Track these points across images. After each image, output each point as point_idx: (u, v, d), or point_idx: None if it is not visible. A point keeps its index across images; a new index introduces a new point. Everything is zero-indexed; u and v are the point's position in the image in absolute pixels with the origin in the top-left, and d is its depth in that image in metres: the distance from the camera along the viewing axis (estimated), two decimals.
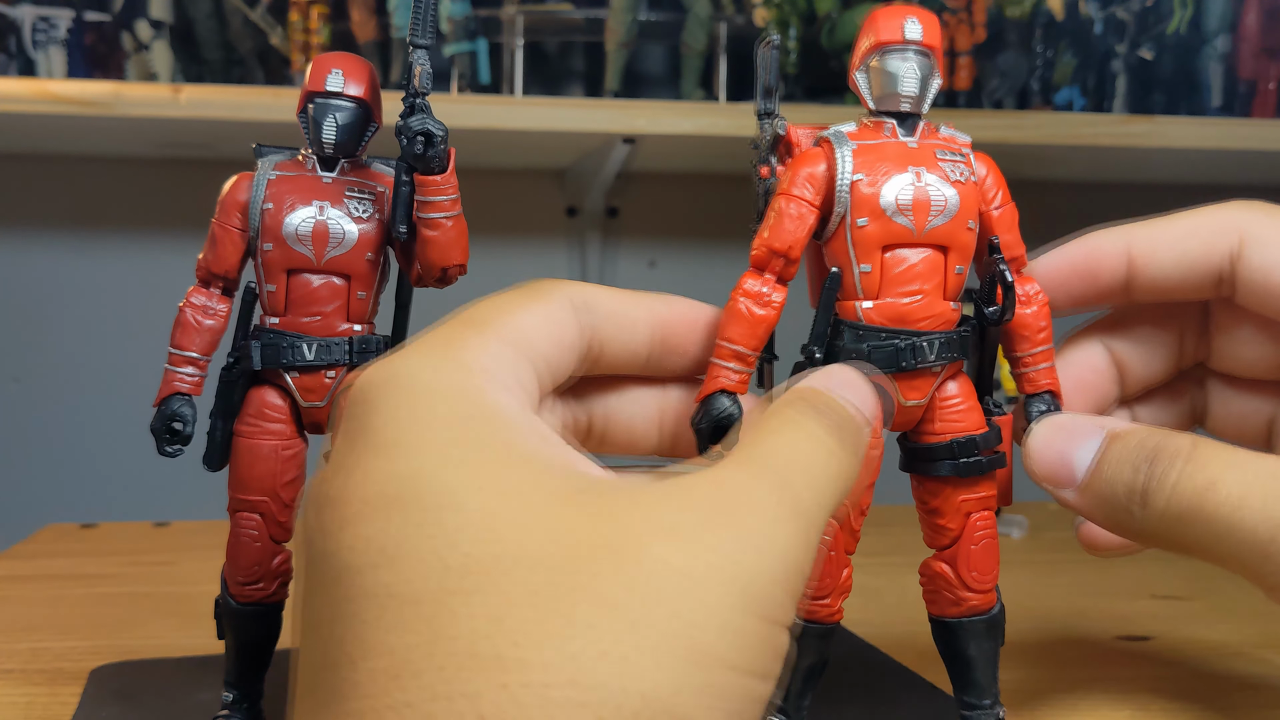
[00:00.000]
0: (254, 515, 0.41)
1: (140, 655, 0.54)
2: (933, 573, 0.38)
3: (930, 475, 0.38)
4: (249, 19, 1.06)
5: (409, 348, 0.30)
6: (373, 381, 0.29)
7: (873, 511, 0.38)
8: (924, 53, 0.36)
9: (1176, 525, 0.33)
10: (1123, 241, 0.39)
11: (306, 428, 0.41)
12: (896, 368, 0.36)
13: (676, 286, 0.37)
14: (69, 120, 0.95)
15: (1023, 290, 0.38)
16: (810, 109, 1.07)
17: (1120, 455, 0.35)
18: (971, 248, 0.36)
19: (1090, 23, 1.15)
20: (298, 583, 0.29)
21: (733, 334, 0.35)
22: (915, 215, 0.35)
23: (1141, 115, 1.14)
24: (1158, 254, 0.39)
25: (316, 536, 0.27)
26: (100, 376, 1.19)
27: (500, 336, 0.31)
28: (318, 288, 0.40)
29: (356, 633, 0.25)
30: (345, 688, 0.24)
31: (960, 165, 0.36)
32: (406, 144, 0.38)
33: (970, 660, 0.38)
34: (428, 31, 0.38)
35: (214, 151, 1.09)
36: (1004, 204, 0.37)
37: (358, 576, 0.25)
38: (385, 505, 0.26)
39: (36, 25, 1.03)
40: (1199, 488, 0.33)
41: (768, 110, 0.38)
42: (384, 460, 0.27)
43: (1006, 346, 0.38)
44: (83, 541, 0.82)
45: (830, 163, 0.36)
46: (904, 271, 0.36)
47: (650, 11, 1.11)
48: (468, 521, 0.25)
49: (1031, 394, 0.38)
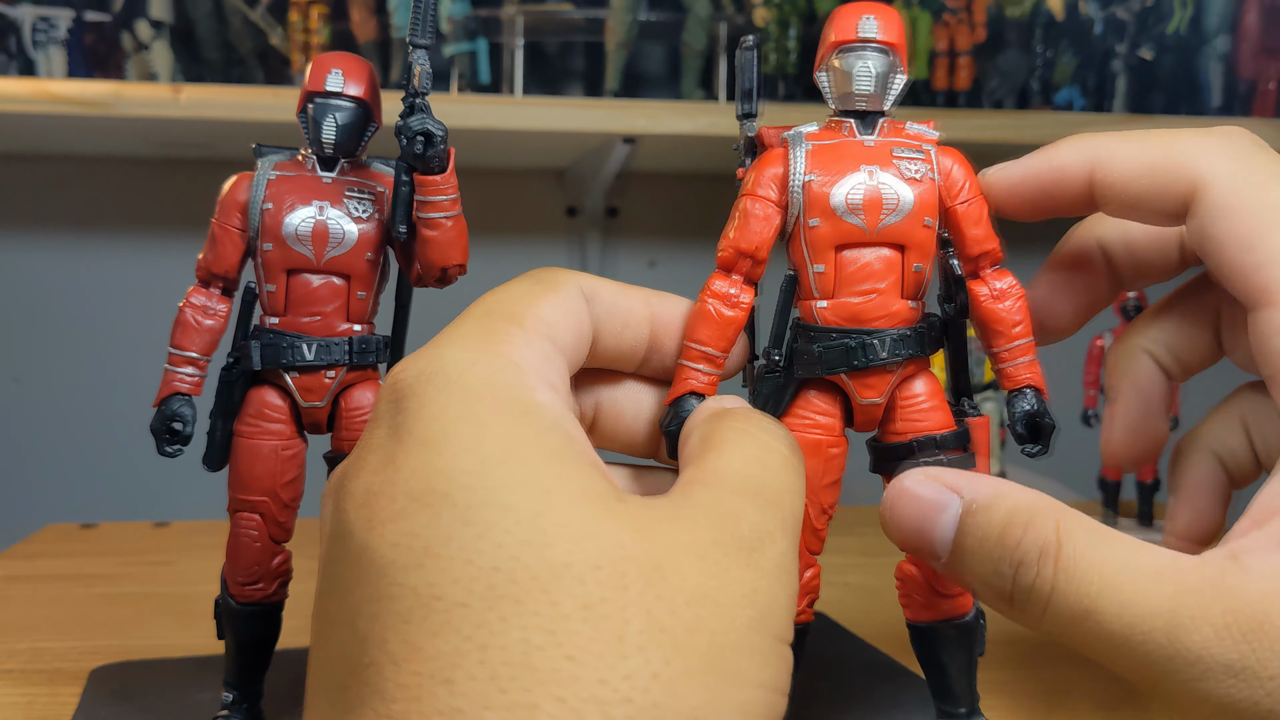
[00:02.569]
0: (254, 515, 0.41)
1: (140, 655, 0.54)
2: (905, 576, 0.38)
3: (894, 475, 0.36)
4: (249, 19, 1.06)
5: (447, 340, 0.30)
6: (416, 374, 0.29)
7: (872, 512, 0.37)
8: (883, 50, 0.36)
9: (1071, 639, 0.29)
10: (1085, 158, 0.36)
11: (306, 428, 0.41)
12: (849, 366, 0.35)
13: (676, 286, 0.37)
14: (69, 120, 0.95)
15: (996, 285, 0.37)
16: (810, 109, 1.07)
17: (980, 547, 0.31)
18: (931, 245, 0.36)
19: (1090, 23, 1.15)
20: (323, 574, 0.29)
21: (701, 335, 0.35)
22: (866, 214, 0.35)
23: (1141, 115, 1.14)
24: (1119, 177, 0.35)
25: (356, 529, 0.27)
26: (100, 376, 1.19)
27: (537, 331, 0.31)
28: (317, 288, 0.40)
29: (399, 632, 0.24)
30: (388, 688, 0.24)
31: (919, 163, 0.36)
32: (406, 144, 0.38)
33: (944, 667, 0.38)
34: (428, 31, 0.38)
35: (214, 151, 1.09)
36: (971, 197, 0.36)
37: (401, 574, 0.25)
38: (433, 502, 0.26)
39: (36, 25, 1.02)
40: (1077, 617, 0.28)
41: (747, 112, 0.38)
42: (432, 455, 0.27)
43: (983, 343, 0.37)
44: (83, 541, 0.82)
45: (786, 163, 0.36)
46: (858, 270, 0.35)
47: (650, 11, 1.11)
48: (516, 523, 0.25)
49: (1013, 390, 0.37)
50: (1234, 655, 0.27)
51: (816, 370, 0.36)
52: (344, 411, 0.41)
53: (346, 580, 0.27)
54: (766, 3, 1.07)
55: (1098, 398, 0.92)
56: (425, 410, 0.28)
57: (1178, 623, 0.27)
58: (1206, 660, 0.27)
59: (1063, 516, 0.30)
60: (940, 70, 1.10)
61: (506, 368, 0.29)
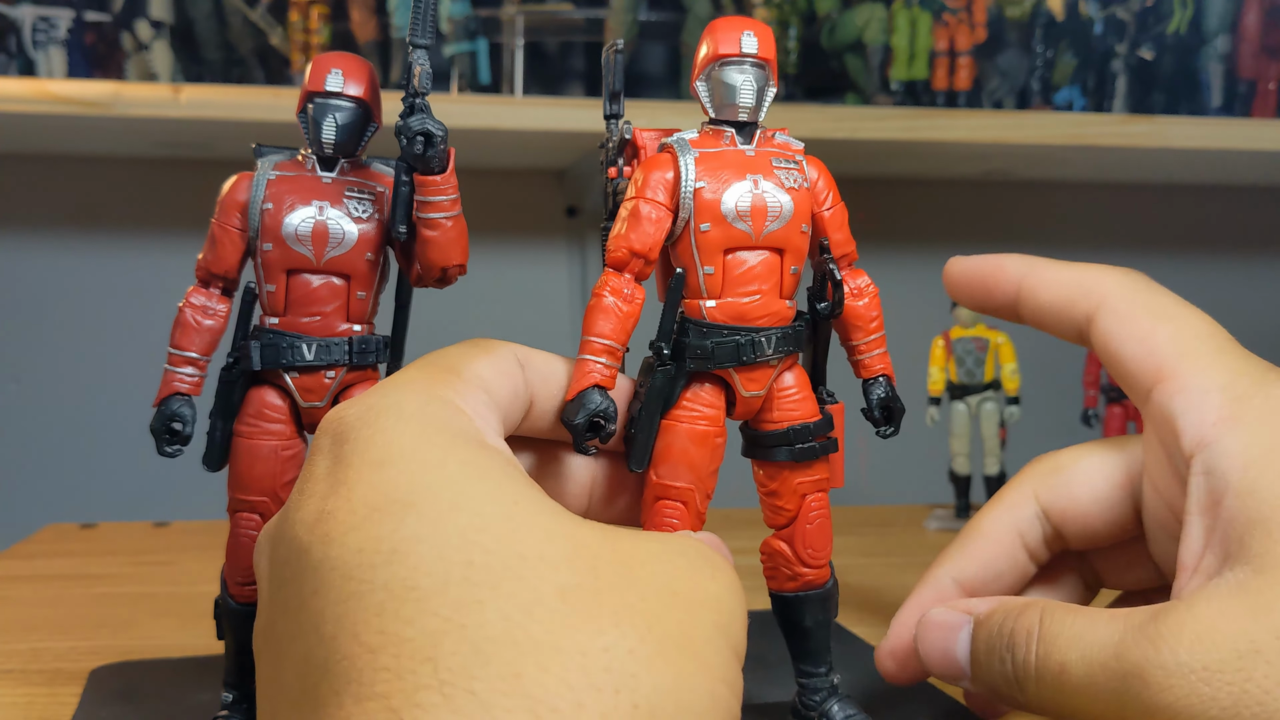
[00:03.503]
0: (253, 515, 0.41)
1: (140, 655, 0.54)
2: (772, 550, 0.41)
3: (769, 460, 0.40)
4: (249, 19, 1.06)
5: (389, 385, 0.31)
6: (362, 410, 0.30)
7: (872, 512, 0.38)
8: (760, 65, 0.38)
9: (1057, 701, 0.35)
10: (1020, 271, 0.42)
11: (306, 428, 0.41)
12: (738, 361, 0.38)
13: None
14: (69, 120, 0.95)
15: (855, 284, 0.41)
16: (810, 109, 1.07)
17: (988, 645, 0.36)
18: (805, 249, 0.39)
19: (1090, 23, 1.15)
20: (269, 605, 0.29)
21: (603, 329, 0.37)
22: (754, 220, 0.38)
23: (1141, 115, 1.13)
24: (1039, 294, 0.42)
25: (313, 546, 0.27)
26: (100, 376, 1.19)
27: (475, 384, 0.33)
28: (317, 288, 0.40)
29: (371, 624, 0.25)
30: (365, 675, 0.24)
31: (794, 172, 0.39)
32: (406, 144, 0.38)
33: (807, 631, 0.40)
34: (428, 31, 0.38)
35: (214, 151, 1.09)
36: (834, 204, 0.40)
37: (369, 572, 0.26)
38: (396, 510, 0.27)
39: (36, 25, 1.02)
40: (1054, 674, 0.34)
41: (614, 113, 0.40)
42: (390, 473, 0.28)
43: (842, 336, 0.41)
44: (83, 541, 0.82)
45: (676, 169, 0.38)
46: (744, 273, 0.38)
47: (650, 11, 1.11)
48: (485, 524, 0.26)
49: (868, 379, 0.41)
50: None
51: (708, 365, 0.38)
52: None
53: (302, 595, 0.27)
54: (766, 3, 1.07)
55: (1098, 398, 0.92)
56: (377, 439, 0.29)
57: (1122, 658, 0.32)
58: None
59: (1046, 605, 0.35)
60: (940, 70, 1.10)
61: (443, 405, 0.31)
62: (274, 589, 0.29)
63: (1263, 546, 0.32)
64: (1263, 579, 0.31)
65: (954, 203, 1.29)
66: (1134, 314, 0.39)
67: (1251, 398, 0.35)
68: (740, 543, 0.38)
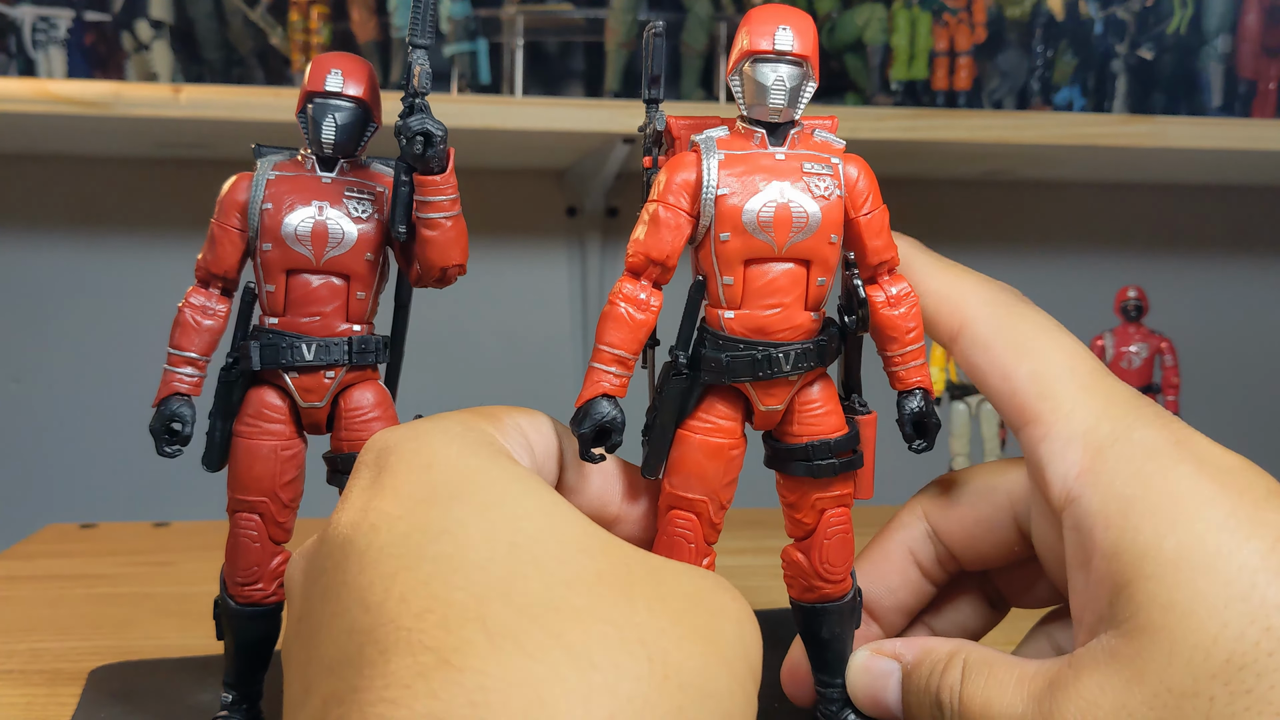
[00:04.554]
0: (253, 516, 0.41)
1: (140, 655, 0.54)
2: (791, 560, 0.40)
3: (787, 474, 0.39)
4: (249, 19, 1.06)
5: (427, 421, 0.33)
6: (404, 435, 0.32)
7: (871, 512, 0.38)
8: (796, 62, 0.36)
9: None
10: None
11: (305, 428, 0.41)
12: (754, 377, 0.37)
13: (676, 285, 0.37)
14: (69, 120, 0.95)
15: (892, 291, 0.38)
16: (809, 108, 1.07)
17: (917, 698, 0.37)
18: (834, 260, 0.37)
19: (1090, 23, 1.15)
20: (304, 599, 0.30)
21: (614, 339, 0.36)
22: (776, 232, 0.36)
23: (1141, 115, 1.14)
24: (923, 298, 0.39)
25: (355, 538, 0.29)
26: (100, 376, 1.19)
27: (511, 427, 0.35)
28: (317, 288, 0.40)
29: (419, 592, 0.26)
30: (414, 634, 0.26)
31: (826, 179, 0.36)
32: (406, 144, 0.38)
33: (824, 642, 0.40)
34: (427, 31, 0.38)
35: (214, 151, 1.09)
36: (874, 208, 0.37)
37: (418, 549, 0.28)
38: (443, 500, 0.29)
39: (36, 25, 1.02)
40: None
41: (653, 98, 0.38)
42: (433, 473, 0.30)
43: (877, 345, 0.39)
44: (83, 541, 0.82)
45: (699, 171, 0.36)
46: (765, 285, 0.36)
47: (650, 11, 1.11)
48: (528, 514, 0.29)
49: (903, 391, 0.38)
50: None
51: (723, 378, 0.37)
52: (343, 412, 0.41)
53: (345, 578, 0.28)
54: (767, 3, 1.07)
55: None
56: (422, 449, 0.31)
57: (1034, 700, 0.34)
58: None
59: (969, 656, 0.36)
60: (940, 70, 1.10)
61: (480, 438, 0.33)
62: (308, 585, 0.31)
63: (1127, 612, 0.32)
64: (1132, 646, 0.32)
65: (954, 203, 1.29)
66: (995, 344, 0.38)
67: (1111, 445, 0.34)
68: (740, 543, 0.38)
